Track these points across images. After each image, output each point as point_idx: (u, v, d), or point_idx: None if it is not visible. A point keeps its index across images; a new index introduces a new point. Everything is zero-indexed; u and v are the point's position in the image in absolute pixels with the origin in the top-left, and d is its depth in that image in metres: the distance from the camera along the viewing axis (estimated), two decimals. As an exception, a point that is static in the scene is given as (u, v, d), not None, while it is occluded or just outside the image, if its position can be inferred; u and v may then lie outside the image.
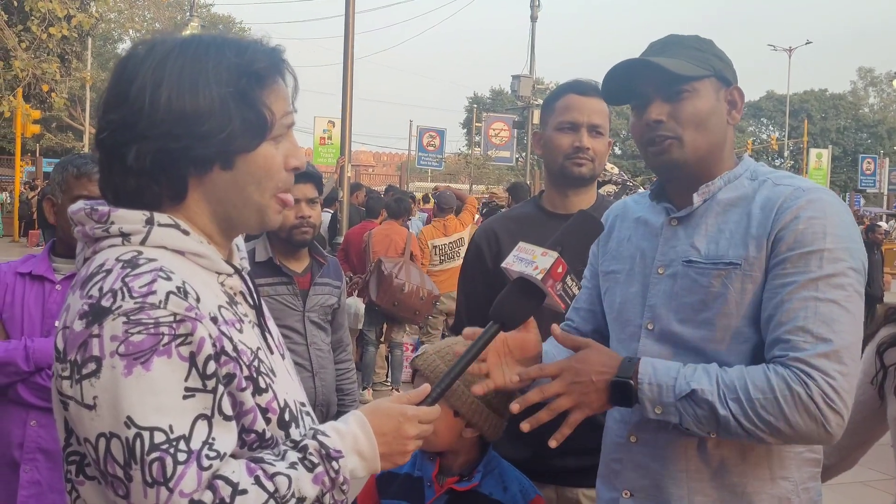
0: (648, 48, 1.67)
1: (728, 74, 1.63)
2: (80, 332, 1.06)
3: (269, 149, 1.20)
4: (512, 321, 1.38)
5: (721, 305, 1.53)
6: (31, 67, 13.77)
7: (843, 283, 1.43)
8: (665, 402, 1.46)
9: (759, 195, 1.56)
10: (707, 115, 1.58)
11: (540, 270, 1.34)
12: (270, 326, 1.32)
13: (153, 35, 1.25)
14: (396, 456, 1.23)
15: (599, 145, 2.31)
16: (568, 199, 2.36)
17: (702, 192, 1.61)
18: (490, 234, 2.42)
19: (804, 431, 1.40)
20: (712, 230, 1.58)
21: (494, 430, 1.89)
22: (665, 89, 1.58)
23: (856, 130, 56.09)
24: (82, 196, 2.29)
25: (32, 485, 2.21)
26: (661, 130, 1.59)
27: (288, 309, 2.82)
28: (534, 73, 26.30)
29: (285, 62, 1.24)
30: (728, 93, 1.63)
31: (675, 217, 1.64)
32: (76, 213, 1.19)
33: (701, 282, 1.56)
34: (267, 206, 1.21)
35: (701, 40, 1.66)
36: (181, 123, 1.13)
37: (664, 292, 1.62)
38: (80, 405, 1.06)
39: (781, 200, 1.52)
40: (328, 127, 23.86)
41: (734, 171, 1.62)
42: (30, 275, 2.33)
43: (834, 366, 1.39)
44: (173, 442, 1.04)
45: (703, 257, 1.57)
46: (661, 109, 1.59)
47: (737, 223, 1.56)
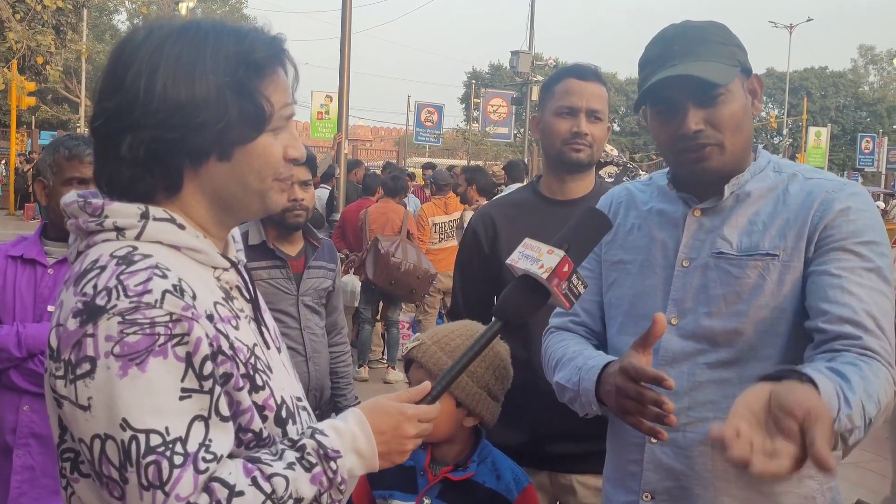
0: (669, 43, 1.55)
1: (748, 63, 1.58)
2: (74, 330, 1.04)
3: (268, 139, 1.17)
4: (516, 319, 1.36)
5: (756, 297, 1.51)
6: (26, 39, 13.63)
7: (887, 276, 1.47)
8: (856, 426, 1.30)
9: (793, 187, 1.55)
10: (742, 115, 1.54)
11: (545, 269, 1.32)
12: (266, 320, 1.30)
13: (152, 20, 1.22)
14: (395, 455, 1.22)
15: (598, 131, 2.29)
16: (566, 184, 2.34)
17: (732, 184, 1.57)
18: (487, 218, 2.40)
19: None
20: (743, 222, 1.55)
21: (492, 416, 1.89)
22: (698, 95, 1.51)
23: (855, 109, 55.85)
24: (74, 178, 2.28)
25: (25, 469, 2.21)
26: (701, 139, 1.53)
27: (282, 293, 2.81)
28: (533, 49, 26.10)
29: (286, 52, 1.21)
30: (749, 83, 1.59)
31: (699, 208, 1.60)
32: (69, 206, 1.16)
33: (734, 273, 1.53)
34: (269, 188, 1.19)
35: (720, 29, 1.58)
36: (176, 113, 1.10)
37: (691, 285, 1.57)
38: (74, 405, 1.04)
39: (824, 193, 1.51)
40: (326, 101, 23.66)
41: (758, 163, 1.60)
42: (21, 258, 2.30)
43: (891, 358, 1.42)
44: (169, 444, 1.02)
45: (736, 249, 1.54)
46: (698, 117, 1.52)
47: (770, 214, 1.54)
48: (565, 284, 1.34)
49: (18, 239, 2.41)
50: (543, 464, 2.25)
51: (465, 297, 2.48)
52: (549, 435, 2.22)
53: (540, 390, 2.04)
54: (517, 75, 26.52)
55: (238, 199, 1.19)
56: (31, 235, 2.39)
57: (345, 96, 10.22)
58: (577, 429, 2.06)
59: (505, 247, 2.32)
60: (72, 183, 2.28)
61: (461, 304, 2.48)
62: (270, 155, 1.17)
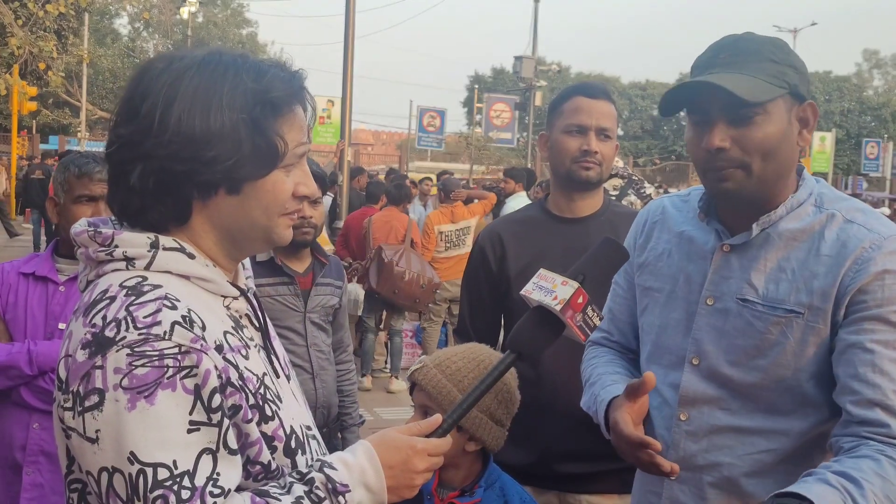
0: (718, 52, 1.47)
1: (803, 89, 1.45)
2: (82, 362, 1.04)
3: (280, 176, 1.17)
4: (529, 351, 1.34)
5: (777, 355, 1.44)
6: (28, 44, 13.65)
7: None
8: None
9: (829, 232, 1.43)
10: (778, 142, 1.42)
11: (559, 301, 1.30)
12: (276, 347, 1.29)
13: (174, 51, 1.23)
14: (404, 490, 1.20)
15: (607, 149, 2.28)
16: (574, 202, 2.32)
17: (762, 223, 1.47)
18: (494, 237, 2.39)
19: None
20: (772, 266, 1.46)
21: (497, 442, 1.87)
22: (731, 111, 1.41)
23: (860, 113, 55.83)
24: (84, 196, 2.30)
25: (35, 487, 2.21)
26: (725, 159, 1.43)
27: (289, 309, 2.79)
28: (536, 54, 26.14)
29: (304, 90, 1.21)
30: (801, 109, 1.46)
31: (728, 243, 1.51)
32: (79, 235, 1.17)
33: (757, 326, 1.46)
34: (275, 225, 1.19)
35: (777, 46, 1.46)
36: (188, 146, 1.10)
37: (713, 327, 1.51)
38: (82, 438, 1.04)
39: (860, 250, 1.39)
40: (327, 106, 23.67)
41: (797, 196, 1.48)
42: (33, 275, 2.31)
43: None
44: (177, 478, 1.02)
45: (761, 298, 1.46)
46: (725, 135, 1.42)
47: (801, 263, 1.43)
48: (580, 316, 1.31)
49: (30, 256, 2.43)
50: (552, 484, 2.23)
51: (471, 315, 2.46)
52: (558, 454, 2.21)
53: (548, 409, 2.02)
54: (520, 80, 26.50)
55: (244, 233, 1.18)
56: (43, 252, 2.41)
57: (348, 103, 10.21)
58: (586, 448, 2.06)
59: (513, 265, 2.31)
60: (81, 200, 2.30)
61: (468, 323, 2.47)
62: (280, 192, 1.17)
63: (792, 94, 1.44)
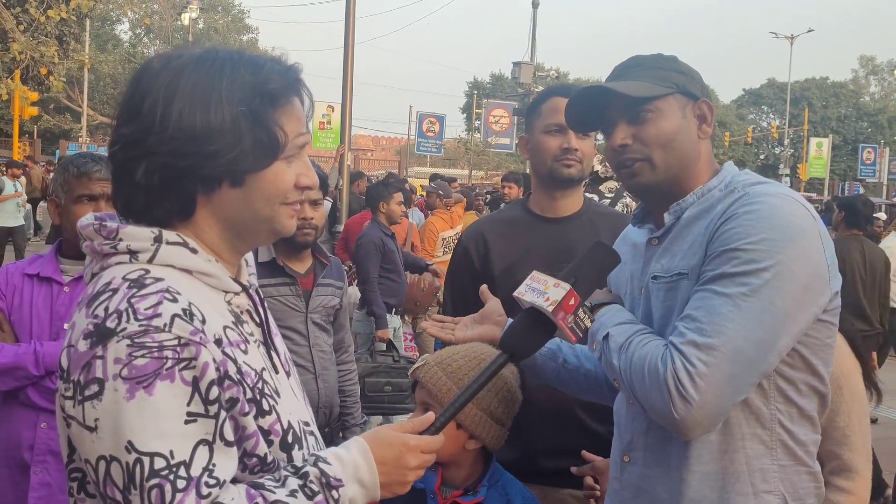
0: (612, 72, 1.67)
1: (693, 89, 1.62)
2: (83, 352, 1.05)
3: (281, 167, 1.18)
4: (522, 352, 1.36)
5: (676, 318, 1.50)
6: (30, 50, 13.69)
7: (748, 281, 1.40)
8: (597, 340, 1.56)
9: (721, 204, 1.53)
10: (673, 134, 1.58)
11: (551, 302, 1.32)
12: (277, 343, 1.31)
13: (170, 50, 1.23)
14: (396, 486, 1.22)
15: (586, 146, 2.33)
16: (556, 201, 2.37)
17: (672, 211, 1.60)
18: (478, 236, 2.42)
19: (655, 408, 1.43)
20: (676, 244, 1.58)
21: (497, 441, 1.88)
22: (627, 112, 1.59)
23: (856, 119, 55.97)
24: (84, 196, 2.31)
25: (42, 486, 2.22)
26: (629, 153, 1.59)
27: (290, 310, 2.81)
28: (534, 60, 26.20)
29: (301, 82, 1.23)
30: (696, 107, 1.62)
31: (654, 237, 1.64)
32: (85, 229, 1.18)
33: (660, 296, 1.56)
34: (277, 214, 1.20)
35: (663, 58, 1.65)
36: (191, 141, 1.12)
37: (644, 311, 1.62)
38: (81, 426, 1.05)
39: (728, 205, 1.50)
40: (327, 111, 23.75)
41: (708, 184, 1.60)
42: (37, 276, 2.32)
43: (699, 354, 1.38)
44: (173, 468, 1.03)
45: (664, 272, 1.57)
46: (626, 133, 1.59)
47: (696, 234, 1.54)
48: (571, 318, 1.34)
49: (34, 257, 2.44)
50: (536, 478, 2.26)
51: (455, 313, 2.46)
52: (542, 450, 2.25)
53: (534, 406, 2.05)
54: (519, 86, 26.58)
55: (248, 225, 1.20)
56: (47, 254, 2.41)
57: (348, 109, 10.24)
58: (570, 444, 2.11)
59: (497, 264, 2.34)
60: (81, 200, 2.31)
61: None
62: (282, 182, 1.18)
63: (682, 93, 1.61)
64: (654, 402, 1.42)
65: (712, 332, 1.38)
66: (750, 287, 1.39)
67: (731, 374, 1.39)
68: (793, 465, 1.53)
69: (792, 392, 1.50)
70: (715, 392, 1.38)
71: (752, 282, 1.39)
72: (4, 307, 2.29)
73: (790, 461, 1.53)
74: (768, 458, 1.51)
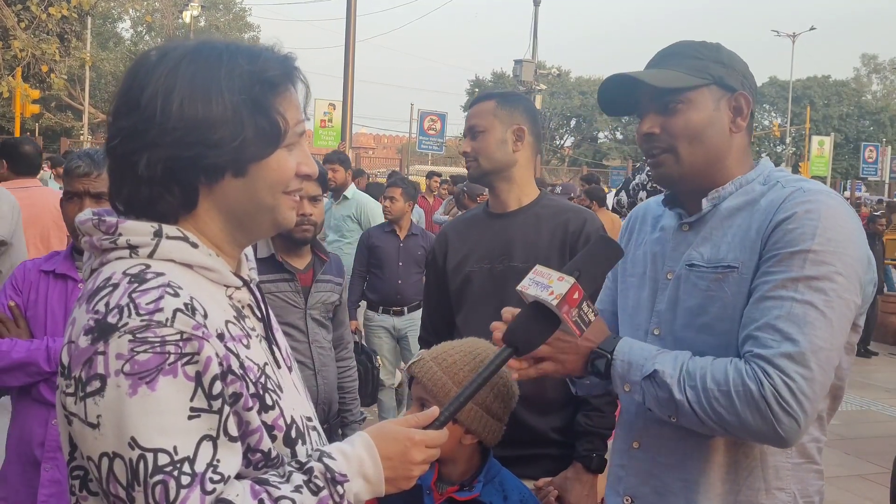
0: (653, 58, 1.66)
1: (732, 81, 1.59)
2: (85, 348, 1.04)
3: (283, 155, 1.18)
4: (526, 346, 1.36)
5: (718, 310, 1.51)
6: (31, 47, 13.70)
7: (824, 287, 1.39)
8: (632, 381, 1.51)
9: (766, 198, 1.53)
10: (702, 127, 1.56)
11: (556, 296, 1.32)
12: (278, 338, 1.30)
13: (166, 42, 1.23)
14: (401, 481, 1.21)
15: (478, 144, 2.39)
16: (496, 198, 2.45)
17: (711, 198, 1.59)
18: (442, 235, 2.58)
19: (754, 429, 1.39)
20: (717, 234, 1.57)
21: (493, 436, 1.88)
22: (657, 102, 1.58)
23: (858, 118, 55.79)
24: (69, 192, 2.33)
25: (53, 483, 2.22)
26: (655, 143, 1.59)
27: (290, 306, 2.80)
28: (536, 58, 26.15)
29: (298, 70, 1.22)
30: (732, 99, 1.59)
31: (686, 222, 1.63)
32: (83, 224, 1.17)
33: (699, 285, 1.55)
34: (279, 204, 1.19)
35: (705, 47, 1.62)
36: (193, 131, 1.11)
37: (670, 298, 1.61)
38: (83, 423, 1.04)
39: (781, 201, 1.49)
40: (329, 109, 23.66)
41: (747, 175, 1.60)
42: (53, 273, 2.34)
43: (796, 367, 1.37)
44: (177, 464, 1.02)
45: (705, 261, 1.55)
46: (654, 122, 1.59)
47: (740, 227, 1.54)
48: (575, 311, 1.33)
49: (51, 254, 2.46)
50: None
51: (427, 310, 2.63)
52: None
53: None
54: (520, 84, 26.53)
55: (251, 215, 1.19)
56: (63, 251, 2.43)
57: (349, 106, 10.24)
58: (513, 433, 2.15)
59: (451, 259, 2.48)
60: (69, 198, 2.34)
61: (426, 318, 2.64)
62: (285, 170, 1.18)
63: (719, 85, 1.58)
64: (749, 422, 1.38)
65: (804, 343, 1.37)
66: (830, 293, 1.40)
67: (824, 381, 1.40)
68: (805, 464, 1.55)
69: None
70: (814, 402, 1.39)
71: (830, 286, 1.40)
72: (21, 303, 2.31)
73: (802, 459, 1.54)
74: (783, 456, 1.52)
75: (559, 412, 2.30)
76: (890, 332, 11.04)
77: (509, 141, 2.39)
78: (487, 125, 2.38)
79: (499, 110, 2.39)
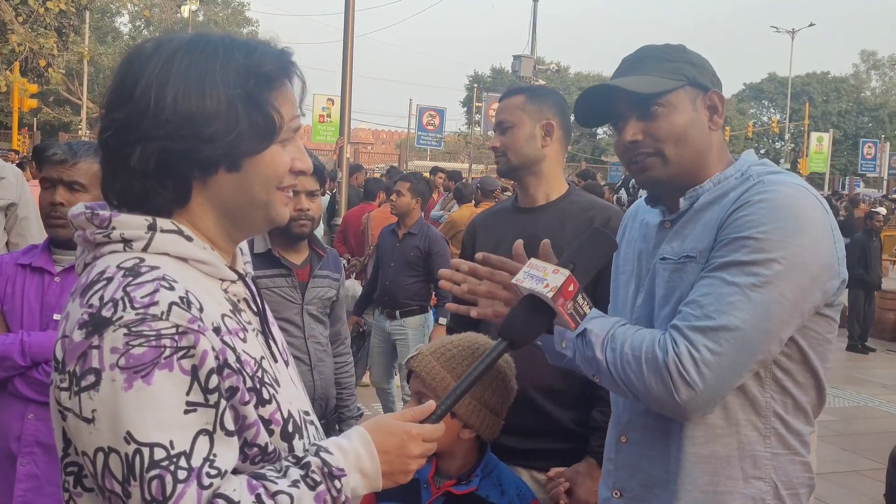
0: (620, 65, 1.66)
1: (704, 80, 1.61)
2: (79, 342, 1.03)
3: (277, 150, 1.17)
4: (521, 339, 1.36)
5: (678, 300, 1.52)
6: (29, 42, 13.67)
7: (757, 271, 1.40)
8: (568, 338, 1.54)
9: (735, 192, 1.54)
10: (685, 128, 1.57)
11: (550, 288, 1.32)
12: (274, 332, 1.29)
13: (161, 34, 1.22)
14: (398, 475, 1.21)
15: (507, 139, 2.40)
16: (525, 192, 2.46)
17: (688, 196, 1.60)
18: (472, 226, 2.62)
19: (655, 395, 1.42)
20: (688, 228, 1.59)
21: (491, 431, 1.88)
22: (638, 107, 1.58)
23: (857, 114, 55.81)
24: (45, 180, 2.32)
25: (30, 478, 2.21)
26: (641, 149, 1.59)
27: (286, 301, 2.80)
28: (535, 54, 26.13)
29: (294, 65, 1.21)
30: (707, 98, 1.61)
31: (666, 220, 1.65)
32: (76, 217, 1.16)
33: (665, 277, 1.58)
34: (273, 200, 1.19)
35: (672, 49, 1.64)
36: (187, 124, 1.10)
37: (647, 291, 1.63)
38: (78, 418, 1.03)
39: (742, 192, 1.51)
40: (327, 104, 23.63)
41: (724, 172, 1.60)
42: (30, 266, 2.32)
43: (705, 341, 1.39)
44: (173, 458, 1.01)
45: (673, 254, 1.58)
46: (636, 129, 1.58)
47: (708, 219, 1.55)
48: (570, 304, 1.34)
49: (28, 247, 2.44)
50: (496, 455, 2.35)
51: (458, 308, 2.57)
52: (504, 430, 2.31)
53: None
54: (519, 79, 26.49)
55: (244, 210, 1.18)
56: (41, 244, 2.41)
57: (347, 101, 10.22)
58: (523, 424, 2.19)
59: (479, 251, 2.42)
60: (45, 185, 2.33)
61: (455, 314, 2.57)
62: (279, 165, 1.17)
63: (693, 85, 1.59)
64: (652, 388, 1.42)
65: (720, 320, 1.40)
66: (760, 277, 1.40)
67: (735, 361, 1.41)
68: (786, 455, 1.54)
69: (788, 382, 1.51)
70: (718, 378, 1.40)
71: (763, 272, 1.40)
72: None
73: (784, 450, 1.54)
74: (761, 446, 1.52)
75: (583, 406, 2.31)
76: (887, 329, 11.06)
77: (538, 136, 2.38)
78: (516, 120, 2.38)
79: (528, 105, 2.39)
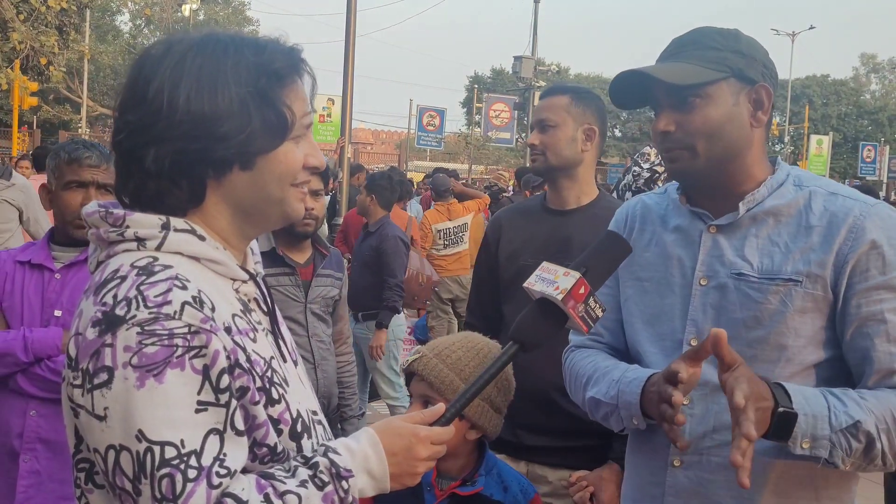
0: (666, 48, 1.58)
1: (752, 72, 1.51)
2: (92, 340, 1.04)
3: (290, 147, 1.18)
4: (532, 342, 1.35)
5: (777, 324, 1.46)
6: (30, 40, 13.67)
7: None
8: (818, 435, 1.36)
9: (815, 206, 1.48)
10: (720, 123, 1.49)
11: (561, 291, 1.31)
12: (283, 332, 1.30)
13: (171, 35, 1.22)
14: (406, 477, 1.21)
15: (548, 138, 2.37)
16: (557, 193, 2.43)
17: (747, 202, 1.52)
18: (497, 222, 2.59)
19: None
20: (763, 242, 1.50)
21: (496, 429, 1.88)
22: (673, 97, 1.50)
23: (857, 117, 55.85)
24: (73, 182, 2.30)
25: (32, 474, 2.21)
26: (671, 141, 1.52)
27: (290, 300, 2.81)
28: (536, 55, 26.14)
29: (304, 62, 1.22)
30: (753, 91, 1.51)
31: (715, 224, 1.56)
32: (90, 216, 1.17)
33: (755, 297, 1.48)
34: (287, 196, 1.19)
35: (723, 35, 1.54)
36: (200, 124, 1.11)
37: (710, 306, 1.53)
38: (90, 415, 1.04)
39: (852, 219, 1.45)
40: (328, 104, 23.63)
41: (776, 177, 1.54)
42: (29, 263, 2.31)
43: None
44: (184, 457, 1.02)
45: (757, 271, 1.49)
46: (669, 119, 1.51)
47: (792, 237, 1.48)
48: (582, 307, 1.33)
49: (27, 244, 2.43)
50: (522, 454, 2.36)
51: (477, 296, 2.63)
52: (525, 427, 2.33)
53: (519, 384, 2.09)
54: (519, 80, 26.52)
55: (259, 208, 1.19)
56: (40, 241, 2.41)
57: (348, 101, 10.23)
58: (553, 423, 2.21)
59: (504, 249, 2.49)
60: (71, 186, 2.31)
61: (473, 303, 2.65)
62: (292, 162, 1.18)
63: (738, 78, 1.50)
64: None
65: None
66: None
67: None
68: None
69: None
70: None
71: None
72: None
73: None
74: None
75: None
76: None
77: (579, 140, 2.35)
78: (559, 120, 2.35)
79: (573, 107, 2.36)
